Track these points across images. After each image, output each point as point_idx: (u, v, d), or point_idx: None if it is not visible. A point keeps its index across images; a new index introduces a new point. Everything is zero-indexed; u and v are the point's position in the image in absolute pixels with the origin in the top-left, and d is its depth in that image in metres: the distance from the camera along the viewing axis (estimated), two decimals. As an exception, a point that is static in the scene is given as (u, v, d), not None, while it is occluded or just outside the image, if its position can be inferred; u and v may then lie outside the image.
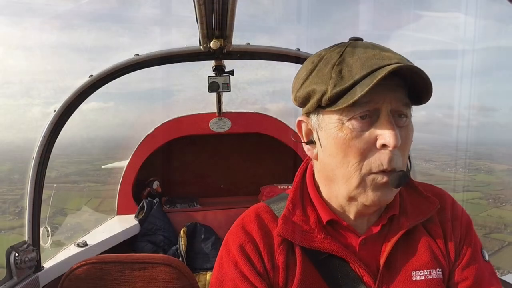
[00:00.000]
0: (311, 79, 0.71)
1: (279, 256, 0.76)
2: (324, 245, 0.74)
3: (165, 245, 2.58)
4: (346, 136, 0.68)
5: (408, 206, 0.79)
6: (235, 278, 0.75)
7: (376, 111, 0.67)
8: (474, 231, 0.82)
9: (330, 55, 0.71)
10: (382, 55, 0.67)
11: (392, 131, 0.65)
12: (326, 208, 0.78)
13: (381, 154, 0.67)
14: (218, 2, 1.22)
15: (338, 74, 0.67)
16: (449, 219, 0.80)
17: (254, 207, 0.84)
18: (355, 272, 0.74)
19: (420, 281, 0.73)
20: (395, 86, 0.68)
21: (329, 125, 0.71)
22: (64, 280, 1.22)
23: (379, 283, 0.73)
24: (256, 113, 3.00)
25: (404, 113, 0.70)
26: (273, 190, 3.00)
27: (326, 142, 0.72)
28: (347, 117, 0.68)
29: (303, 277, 0.74)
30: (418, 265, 0.74)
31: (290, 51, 1.77)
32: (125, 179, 2.86)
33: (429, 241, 0.77)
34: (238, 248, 0.77)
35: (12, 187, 6.97)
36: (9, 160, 8.69)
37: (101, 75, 1.65)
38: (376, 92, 0.65)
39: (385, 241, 0.76)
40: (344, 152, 0.69)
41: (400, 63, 0.64)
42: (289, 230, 0.75)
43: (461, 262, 0.77)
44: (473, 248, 0.78)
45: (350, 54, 0.69)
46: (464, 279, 0.75)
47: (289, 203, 0.79)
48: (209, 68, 2.01)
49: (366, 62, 0.66)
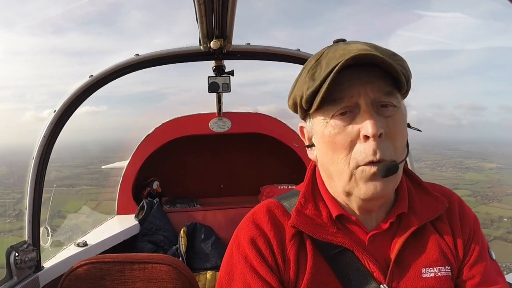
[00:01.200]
0: (296, 86, 0.77)
1: (291, 250, 0.76)
2: (337, 239, 0.75)
3: (165, 245, 2.58)
4: (330, 133, 0.71)
5: (417, 204, 0.80)
6: (245, 272, 0.75)
7: (356, 105, 0.69)
8: (481, 231, 0.83)
9: (310, 62, 0.75)
10: (346, 50, 0.69)
11: (370, 120, 0.66)
12: (335, 203, 0.79)
13: (365, 146, 0.68)
14: (218, 2, 1.22)
15: (311, 77, 0.71)
16: (458, 218, 0.81)
17: (265, 203, 0.85)
18: (366, 268, 0.74)
19: (430, 278, 0.74)
20: (374, 76, 0.69)
21: (317, 126, 0.74)
22: (64, 280, 1.22)
23: (389, 279, 0.73)
24: (256, 113, 3.01)
25: (388, 103, 0.70)
26: (273, 190, 3.00)
27: (319, 142, 0.76)
28: (329, 116, 0.71)
29: (314, 272, 0.74)
30: (428, 262, 0.75)
31: (290, 51, 1.78)
32: (125, 179, 2.86)
33: (438, 239, 0.78)
34: (249, 241, 0.77)
35: (8, 191, 7.00)
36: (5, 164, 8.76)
37: (101, 75, 1.65)
38: (351, 86, 0.68)
39: (394, 238, 0.77)
40: (332, 149, 0.71)
41: (356, 53, 0.65)
42: (302, 222, 0.77)
43: (469, 260, 0.78)
44: (481, 246, 0.79)
45: (325, 56, 0.72)
46: (472, 277, 0.76)
47: (301, 198, 0.81)
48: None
49: (331, 60, 0.69)
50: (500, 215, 13.39)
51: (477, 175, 16.62)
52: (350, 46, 0.70)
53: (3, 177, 7.62)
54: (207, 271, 2.35)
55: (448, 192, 0.85)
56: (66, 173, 12.30)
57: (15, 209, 4.13)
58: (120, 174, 2.89)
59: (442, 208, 0.79)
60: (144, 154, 2.86)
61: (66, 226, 4.65)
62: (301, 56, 1.78)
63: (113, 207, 2.89)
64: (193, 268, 2.38)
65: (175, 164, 3.22)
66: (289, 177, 3.18)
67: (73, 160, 12.53)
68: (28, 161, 1.60)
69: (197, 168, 3.27)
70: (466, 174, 16.27)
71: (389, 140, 0.69)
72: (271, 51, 1.76)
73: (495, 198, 14.86)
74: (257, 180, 3.16)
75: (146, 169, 2.90)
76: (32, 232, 1.58)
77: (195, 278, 1.26)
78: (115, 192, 2.89)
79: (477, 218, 0.84)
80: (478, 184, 15.79)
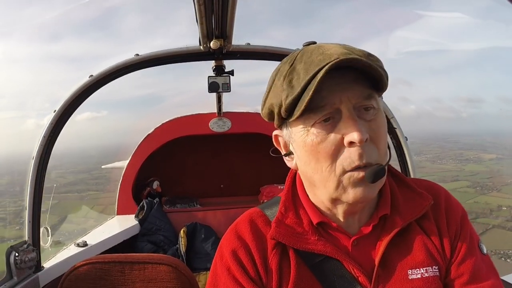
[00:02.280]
0: (270, 95, 0.74)
1: (273, 260, 0.75)
2: (318, 247, 0.74)
3: (165, 245, 2.58)
4: (313, 141, 0.69)
5: (400, 204, 0.78)
6: (228, 283, 0.75)
7: (337, 111, 0.68)
8: (470, 224, 0.80)
9: (283, 67, 0.72)
10: (325, 54, 0.67)
11: (354, 126, 0.65)
12: (316, 211, 0.78)
13: (350, 152, 0.67)
14: (218, 2, 1.22)
15: (289, 84, 0.69)
16: (444, 215, 0.79)
17: (248, 212, 0.84)
18: (351, 273, 0.73)
19: (417, 279, 0.72)
20: (352, 81, 0.68)
21: (297, 134, 0.72)
22: (64, 280, 1.22)
23: (374, 283, 0.72)
24: (256, 113, 3.00)
25: (369, 106, 0.69)
26: (273, 190, 3.00)
27: (299, 151, 0.74)
28: (310, 124, 0.69)
29: (297, 280, 0.73)
30: (414, 264, 0.74)
31: (290, 51, 1.77)
32: (125, 179, 2.86)
33: (424, 238, 0.76)
34: (231, 253, 0.77)
35: (15, 199, 7.06)
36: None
37: (101, 75, 1.65)
38: (331, 92, 0.66)
39: (378, 241, 0.75)
40: (315, 157, 0.70)
41: (339, 58, 0.64)
42: (282, 233, 0.75)
43: (457, 258, 0.76)
44: (469, 242, 0.77)
45: (299, 61, 0.70)
46: (461, 275, 0.74)
47: (281, 206, 0.80)
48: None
49: (310, 66, 0.67)
50: (499, 204, 13.46)
51: (477, 166, 16.64)
52: (327, 50, 0.68)
53: (8, 186, 7.72)
54: (207, 271, 2.36)
55: (433, 187, 0.83)
56: (71, 179, 12.48)
57: (22, 216, 4.15)
58: (121, 175, 2.89)
59: (427, 205, 0.77)
60: (144, 154, 2.86)
61: (75, 230, 4.71)
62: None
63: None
64: (193, 268, 2.38)
65: (175, 164, 3.22)
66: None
67: (75, 166, 12.68)
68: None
69: (197, 168, 3.27)
70: (466, 166, 16.34)
71: (373, 143, 0.68)
72: (271, 51, 1.76)
73: (495, 188, 14.88)
74: (257, 180, 3.17)
75: (146, 169, 2.90)
76: (32, 232, 1.58)
77: (195, 278, 1.26)
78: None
79: (465, 211, 0.81)
80: (478, 175, 15.78)
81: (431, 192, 0.80)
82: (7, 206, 4.73)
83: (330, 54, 0.66)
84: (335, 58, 0.64)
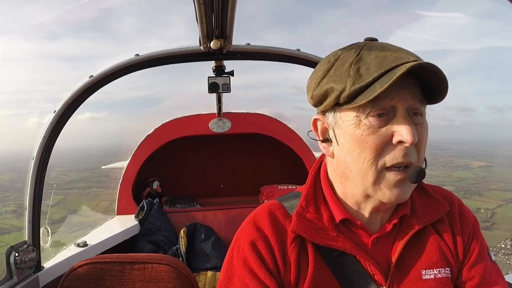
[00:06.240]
0: (328, 78, 0.73)
1: (291, 253, 0.76)
2: (337, 243, 0.75)
3: (165, 245, 2.57)
4: (363, 132, 0.69)
5: (418, 207, 0.80)
6: (244, 275, 0.75)
7: (392, 108, 0.69)
8: (481, 232, 0.83)
9: (347, 54, 0.72)
10: (399, 54, 0.69)
11: (409, 127, 0.67)
12: (341, 207, 0.79)
13: (396, 150, 0.69)
14: (218, 2, 1.22)
15: (356, 72, 0.69)
16: (458, 220, 0.82)
17: (267, 204, 0.85)
18: (367, 270, 0.75)
19: (430, 279, 0.74)
20: (410, 84, 0.69)
21: (346, 122, 0.72)
22: (64, 280, 1.22)
23: (390, 282, 0.74)
24: (256, 113, 3.01)
25: (419, 111, 0.71)
26: (273, 190, 3.00)
27: (343, 139, 0.73)
28: (364, 114, 0.69)
29: (315, 275, 0.74)
30: (427, 264, 0.76)
31: (290, 51, 1.77)
32: (125, 179, 2.86)
33: (438, 240, 0.78)
34: (249, 244, 0.77)
35: (20, 194, 7.26)
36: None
37: (101, 76, 1.65)
38: (392, 90, 0.67)
39: (396, 241, 0.77)
40: (361, 148, 0.70)
41: (417, 61, 0.66)
42: (303, 227, 0.76)
43: (468, 261, 0.78)
44: (480, 248, 0.80)
45: (367, 53, 0.70)
46: (471, 278, 0.77)
47: (302, 200, 0.81)
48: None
49: (384, 61, 0.68)
50: (478, 207, 14.21)
51: (465, 173, 17.39)
52: (399, 50, 0.70)
53: (13, 182, 7.84)
54: (207, 271, 2.35)
55: (448, 195, 0.86)
56: (74, 177, 12.67)
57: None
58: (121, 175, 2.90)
59: (443, 210, 0.80)
60: (144, 154, 2.86)
61: (85, 222, 5.04)
62: (301, 56, 1.77)
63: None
64: (193, 268, 2.38)
65: (175, 164, 3.22)
66: (289, 177, 3.18)
67: (75, 165, 12.90)
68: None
69: (197, 168, 3.27)
70: (455, 172, 17.00)
71: (416, 148, 0.70)
72: (271, 51, 1.76)
73: (477, 193, 15.71)
74: (257, 180, 3.17)
75: (146, 169, 2.90)
76: (32, 232, 1.58)
77: (195, 278, 1.26)
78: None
79: (477, 220, 0.84)
80: (464, 181, 16.60)
81: (445, 198, 0.83)
82: (17, 199, 4.87)
83: (404, 55, 0.68)
84: (413, 60, 0.66)
